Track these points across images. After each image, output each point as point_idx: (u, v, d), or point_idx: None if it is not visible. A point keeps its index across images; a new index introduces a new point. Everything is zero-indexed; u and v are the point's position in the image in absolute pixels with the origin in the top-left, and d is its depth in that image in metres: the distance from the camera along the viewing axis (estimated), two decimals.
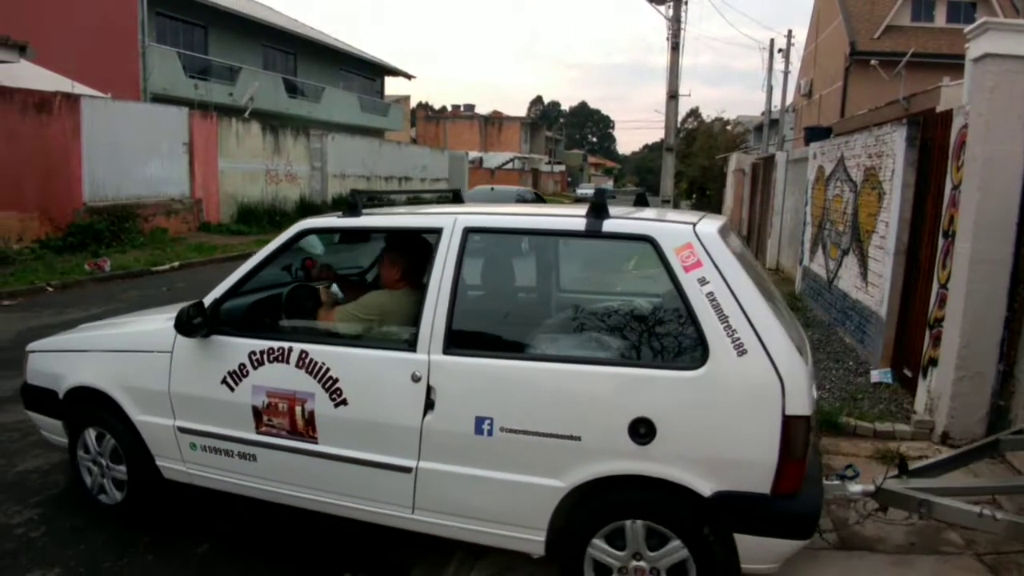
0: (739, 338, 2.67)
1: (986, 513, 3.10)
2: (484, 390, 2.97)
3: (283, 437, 3.30)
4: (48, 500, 4.18)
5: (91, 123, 14.62)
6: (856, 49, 22.87)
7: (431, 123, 65.21)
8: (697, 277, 2.76)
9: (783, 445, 2.63)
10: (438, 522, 3.12)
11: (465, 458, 2.99)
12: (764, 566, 2.79)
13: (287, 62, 30.44)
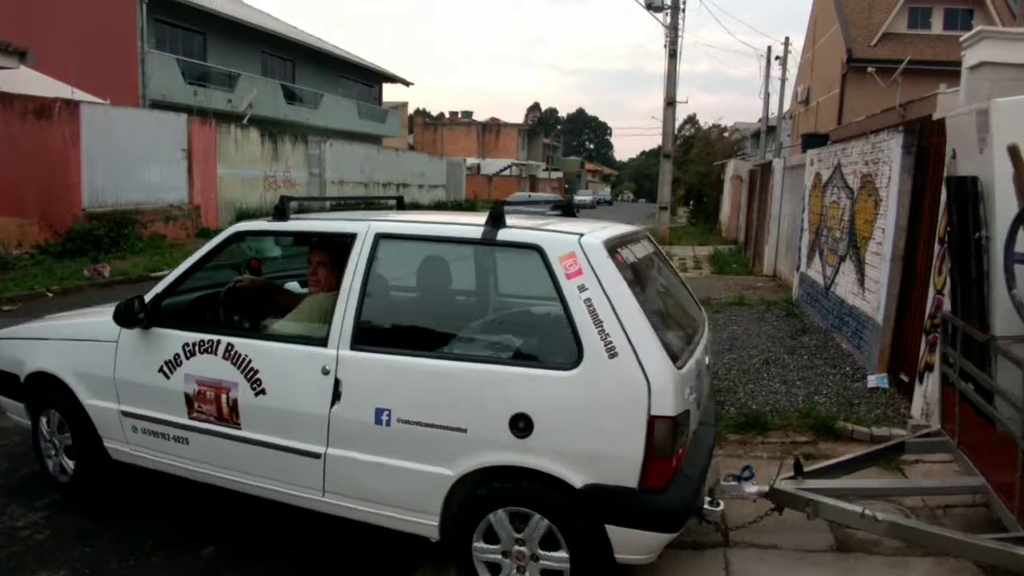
0: (611, 342, 2.85)
1: (868, 514, 3.22)
2: (384, 383, 3.19)
3: (211, 423, 3.55)
4: (53, 503, 4.20)
5: (90, 129, 14.66)
6: (853, 56, 23.02)
7: (429, 130, 65.40)
8: (577, 284, 2.95)
9: (648, 443, 2.80)
10: (346, 505, 3.35)
11: (367, 446, 3.21)
12: (636, 556, 2.97)
13: (285, 69, 30.54)
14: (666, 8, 23.32)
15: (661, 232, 23.93)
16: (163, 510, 4.16)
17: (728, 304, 10.76)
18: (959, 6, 24.85)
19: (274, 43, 29.03)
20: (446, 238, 3.49)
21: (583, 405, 2.89)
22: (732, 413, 5.78)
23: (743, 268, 15.82)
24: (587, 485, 2.89)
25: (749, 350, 7.84)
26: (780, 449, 5.10)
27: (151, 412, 3.73)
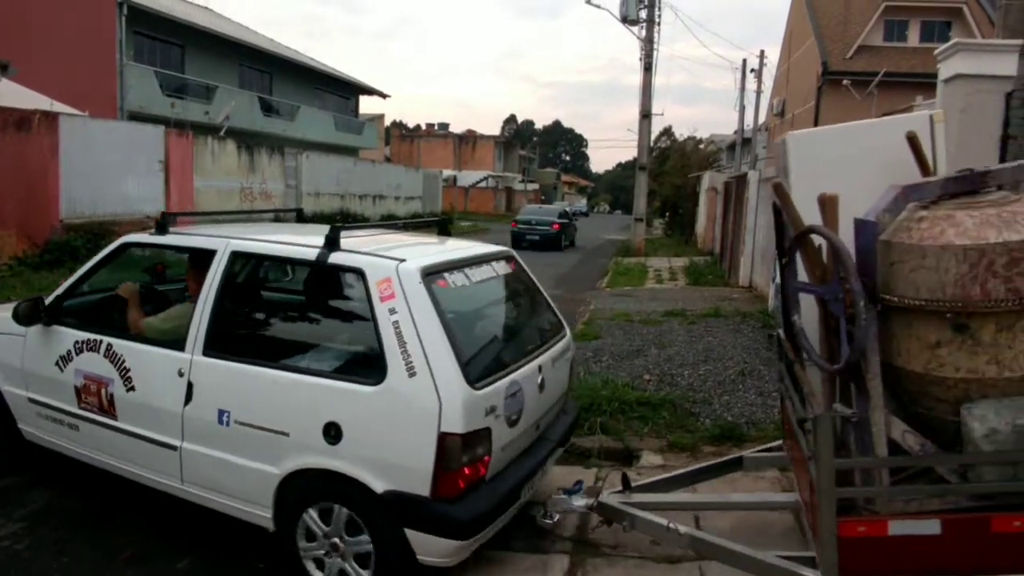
0: (412, 362, 3.13)
1: (672, 527, 3.39)
2: (225, 387, 3.56)
3: (95, 413, 4.00)
4: (32, 514, 4.23)
5: (69, 141, 14.56)
6: (828, 69, 23.40)
7: (405, 141, 65.39)
8: (388, 307, 3.23)
9: (438, 457, 3.06)
10: (199, 494, 3.74)
11: (212, 442, 3.58)
12: (435, 559, 3.22)
13: (263, 81, 30.48)
14: (641, 22, 23.64)
15: (637, 244, 24.16)
16: (142, 521, 4.20)
17: (703, 315, 10.92)
18: (936, 18, 25.25)
19: (252, 55, 28.98)
20: (287, 258, 3.85)
21: (385, 418, 3.17)
22: (707, 425, 5.89)
23: (719, 279, 16.02)
24: (387, 491, 3.16)
25: (725, 361, 7.97)
26: None
27: (50, 400, 4.19)
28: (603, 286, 15.76)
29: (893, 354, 2.98)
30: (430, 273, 3.38)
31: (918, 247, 2.78)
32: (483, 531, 3.26)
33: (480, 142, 66.76)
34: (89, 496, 4.49)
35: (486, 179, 61.89)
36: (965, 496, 2.83)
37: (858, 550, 2.75)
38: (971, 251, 2.67)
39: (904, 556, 2.75)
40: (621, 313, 11.25)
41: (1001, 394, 2.76)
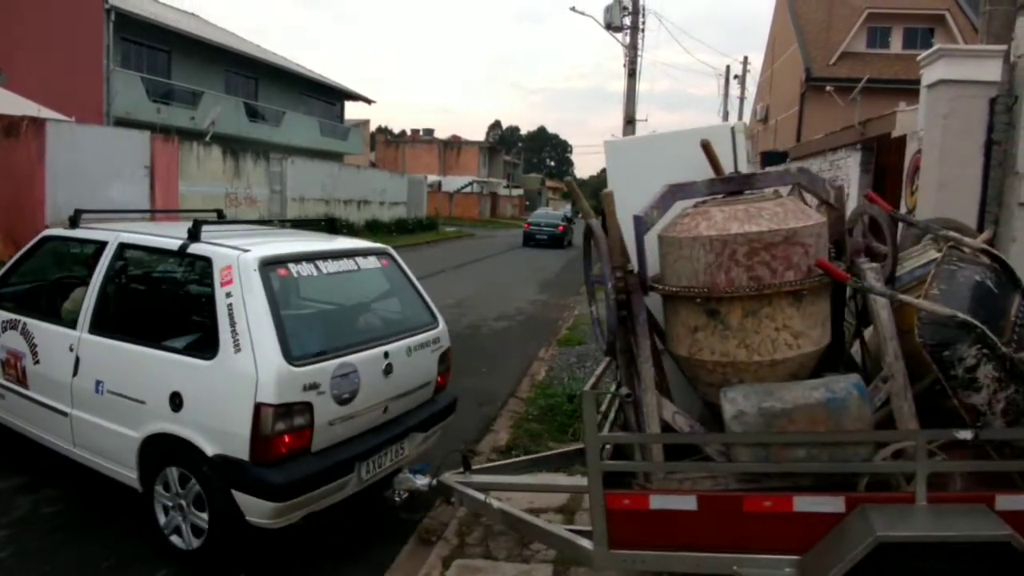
0: (239, 340, 3.53)
1: (487, 501, 3.60)
2: (102, 361, 4.04)
3: (13, 383, 4.56)
4: (15, 522, 4.21)
5: (55, 147, 14.45)
6: (812, 75, 23.53)
7: (391, 147, 65.23)
8: (226, 291, 3.65)
9: (254, 424, 3.42)
10: (86, 456, 4.20)
11: (92, 410, 4.06)
12: (259, 520, 3.53)
13: (249, 86, 30.32)
14: (625, 28, 23.74)
15: None
16: (122, 530, 4.18)
17: None
18: (919, 25, 25.45)
19: (238, 61, 28.83)
20: (159, 248, 4.27)
21: (215, 389, 3.58)
22: None
23: None
24: (216, 455, 3.53)
25: None
26: None
27: None
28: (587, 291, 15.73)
29: (668, 339, 3.22)
30: (269, 263, 3.79)
31: (677, 239, 3.00)
32: (301, 496, 3.54)
33: (465, 148, 66.70)
34: (71, 504, 4.48)
35: (471, 184, 61.84)
36: (734, 476, 2.96)
37: (625, 521, 2.90)
38: (716, 241, 2.86)
39: (665, 530, 2.88)
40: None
41: (754, 378, 2.93)
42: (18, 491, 4.58)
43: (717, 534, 2.83)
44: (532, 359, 8.93)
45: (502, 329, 11.01)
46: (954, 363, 2.66)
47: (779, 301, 2.85)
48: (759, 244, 2.83)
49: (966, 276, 2.84)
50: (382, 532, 4.22)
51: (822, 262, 2.85)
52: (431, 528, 4.29)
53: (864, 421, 2.78)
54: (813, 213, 3.07)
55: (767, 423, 2.80)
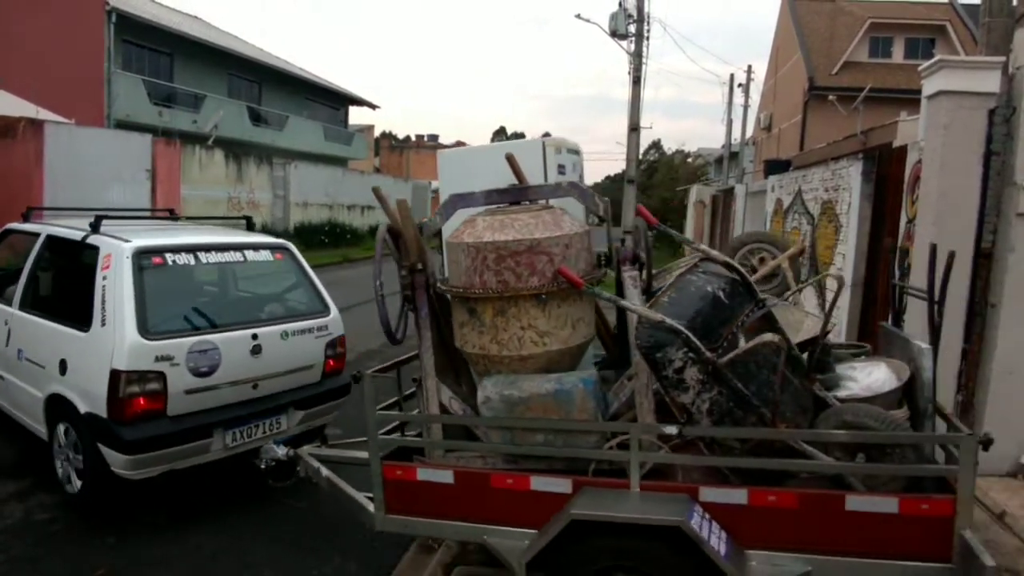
0: (105, 316, 4.22)
1: (316, 468, 3.83)
2: (22, 332, 4.92)
3: None
4: (5, 529, 4.17)
5: (54, 149, 14.42)
6: (814, 84, 23.55)
7: (395, 152, 65.34)
8: (103, 275, 4.33)
9: (109, 386, 4.08)
10: (15, 413, 5.12)
11: (15, 374, 4.95)
12: (120, 470, 4.15)
13: (252, 90, 30.35)
14: (630, 36, 23.75)
15: None
16: (113, 538, 4.15)
17: None
18: (920, 35, 25.51)
19: (241, 65, 28.86)
20: (68, 239, 4.91)
21: (86, 356, 4.29)
22: None
23: None
24: (86, 412, 4.23)
25: None
26: None
27: None
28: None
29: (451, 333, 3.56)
30: (144, 252, 4.44)
31: (451, 244, 3.39)
32: (154, 452, 4.13)
33: None
34: (62, 511, 4.42)
35: None
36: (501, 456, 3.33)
37: (398, 490, 3.28)
38: (471, 247, 3.23)
39: (430, 500, 3.24)
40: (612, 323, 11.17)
41: (508, 370, 3.29)
42: (11, 498, 4.56)
43: (471, 506, 3.17)
44: None
45: None
46: (665, 364, 2.87)
47: (524, 303, 3.19)
48: (505, 251, 3.17)
49: (698, 287, 3.07)
50: (383, 538, 4.16)
51: (562, 269, 3.15)
52: None
53: (588, 412, 3.11)
54: (568, 225, 3.34)
55: (508, 409, 3.17)
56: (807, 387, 3.16)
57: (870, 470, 2.89)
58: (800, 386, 3.12)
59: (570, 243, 3.24)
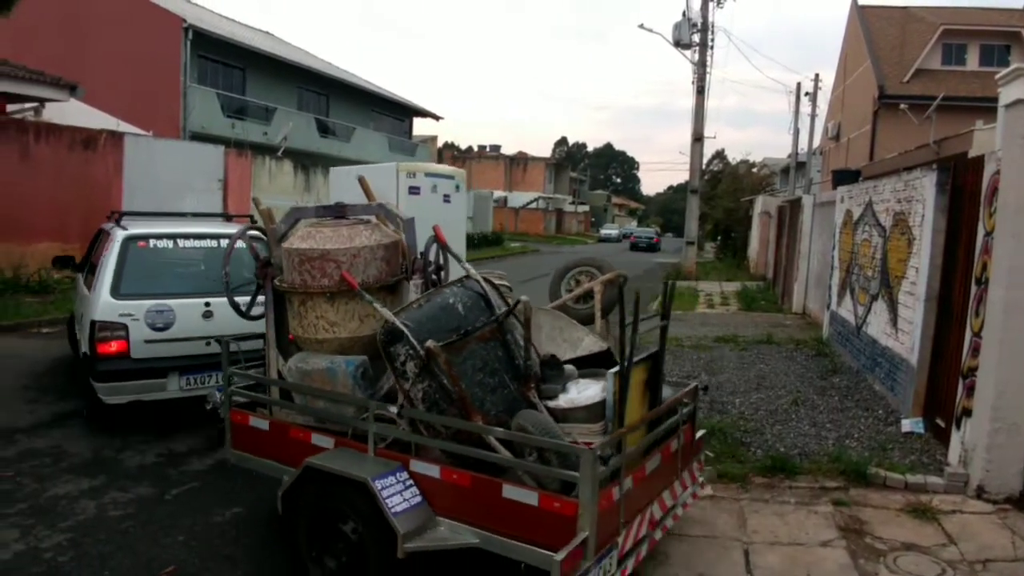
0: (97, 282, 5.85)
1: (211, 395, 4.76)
2: (80, 303, 6.54)
3: None
4: (77, 526, 4.31)
5: (133, 159, 15.08)
6: (885, 92, 22.82)
7: (457, 162, 65.94)
8: (104, 254, 6.04)
9: (90, 333, 5.67)
10: None
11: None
12: (103, 397, 5.71)
13: (320, 102, 31.14)
14: (694, 45, 23.50)
15: (688, 267, 23.84)
16: (184, 536, 4.25)
17: (756, 342, 10.67)
18: (995, 42, 24.54)
19: (310, 78, 29.65)
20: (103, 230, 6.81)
21: (86, 312, 5.92)
22: (758, 455, 5.69)
23: (772, 305, 15.68)
24: (83, 353, 5.95)
25: (777, 390, 7.75)
26: (809, 495, 5.01)
27: None
28: (652, 310, 15.53)
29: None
30: (132, 239, 6.06)
31: (284, 249, 4.18)
32: (120, 383, 5.66)
33: (531, 164, 67.01)
34: (134, 509, 4.56)
35: (536, 200, 62.02)
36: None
37: (240, 432, 4.28)
38: (287, 251, 4.13)
39: (258, 442, 4.18)
40: (670, 338, 10.98)
41: (311, 349, 4.12)
42: (83, 495, 4.73)
43: (278, 450, 4.04)
44: None
45: None
46: (395, 357, 3.45)
47: (317, 298, 3.98)
48: (304, 257, 4.00)
49: (443, 297, 3.75)
50: None
51: (343, 274, 3.84)
52: None
53: (347, 388, 3.82)
54: (363, 239, 4.07)
55: (300, 378, 4.02)
56: (522, 393, 3.69)
57: (512, 464, 3.33)
58: (515, 391, 3.67)
59: (358, 254, 3.99)
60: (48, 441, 5.67)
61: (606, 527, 3.16)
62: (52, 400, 6.75)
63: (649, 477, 3.63)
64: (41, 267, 12.93)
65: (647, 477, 3.60)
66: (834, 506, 4.80)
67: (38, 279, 12.63)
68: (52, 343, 9.25)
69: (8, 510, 4.43)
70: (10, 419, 6.15)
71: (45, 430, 5.93)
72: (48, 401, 6.71)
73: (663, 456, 3.77)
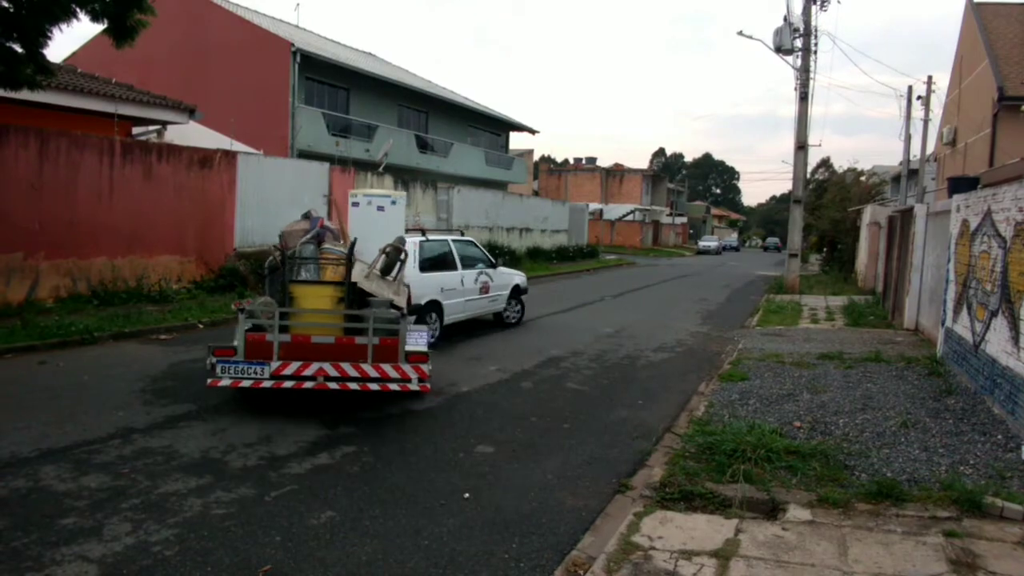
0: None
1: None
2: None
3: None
4: (183, 522, 4.54)
5: (245, 177, 15.96)
6: (1005, 94, 21.34)
7: (553, 176, 66.29)
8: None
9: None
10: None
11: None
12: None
13: (419, 119, 32.03)
14: (796, 51, 22.79)
15: (790, 280, 23.02)
16: (279, 536, 4.39)
17: (863, 359, 10.17)
18: None
19: (410, 96, 30.57)
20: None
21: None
22: (863, 480, 5.41)
23: (881, 321, 14.92)
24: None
25: (885, 411, 7.36)
26: (917, 524, 4.72)
27: None
28: (753, 324, 15.07)
29: None
30: (422, 241, 11.08)
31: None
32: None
33: (627, 175, 66.49)
34: (237, 508, 4.78)
35: (633, 212, 61.46)
36: None
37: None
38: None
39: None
40: (772, 354, 10.69)
41: None
42: (191, 493, 5.00)
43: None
44: (691, 394, 8.59)
45: (661, 361, 10.73)
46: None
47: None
48: None
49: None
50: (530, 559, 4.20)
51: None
52: (579, 562, 4.23)
53: None
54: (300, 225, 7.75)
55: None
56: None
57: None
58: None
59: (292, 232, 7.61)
60: (161, 441, 6.03)
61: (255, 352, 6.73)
62: (167, 403, 7.18)
63: (315, 345, 6.86)
64: (162, 278, 13.83)
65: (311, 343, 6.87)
66: (945, 537, 4.50)
67: (158, 289, 13.50)
68: (169, 349, 9.86)
69: (123, 505, 4.74)
70: (128, 420, 6.58)
71: (159, 431, 6.31)
72: (163, 404, 7.14)
73: (340, 340, 6.95)
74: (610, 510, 5.06)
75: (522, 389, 8.52)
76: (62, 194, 12.45)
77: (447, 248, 11.79)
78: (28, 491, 4.89)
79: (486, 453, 6.13)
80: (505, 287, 13.29)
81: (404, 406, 7.43)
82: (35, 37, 9.59)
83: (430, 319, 10.68)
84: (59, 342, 9.66)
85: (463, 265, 11.88)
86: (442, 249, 11.69)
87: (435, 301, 10.93)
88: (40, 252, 12.13)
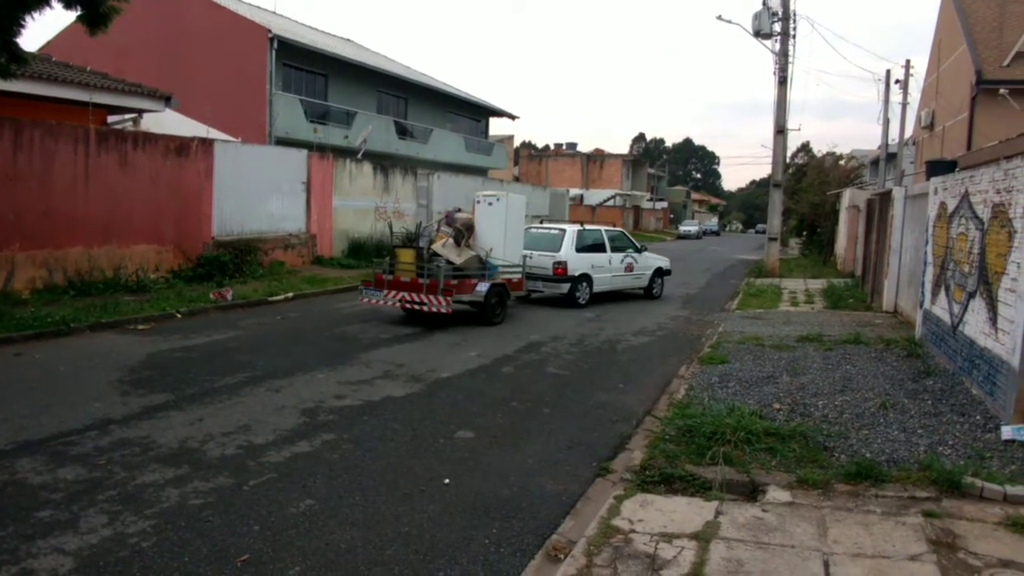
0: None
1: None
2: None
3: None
4: (160, 513, 4.48)
5: (222, 165, 15.76)
6: (983, 78, 21.51)
7: (534, 161, 66.20)
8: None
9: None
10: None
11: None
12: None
13: (399, 106, 31.78)
14: (775, 35, 22.80)
15: (770, 264, 23.15)
16: (257, 525, 4.34)
17: (842, 341, 10.25)
18: None
19: (389, 82, 30.30)
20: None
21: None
22: (842, 461, 5.45)
23: (860, 303, 15.05)
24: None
25: (864, 392, 7.42)
26: (897, 504, 4.76)
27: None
28: (733, 308, 15.16)
29: None
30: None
31: None
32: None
33: (608, 161, 66.53)
34: (214, 498, 4.72)
35: (613, 197, 61.52)
36: None
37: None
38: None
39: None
40: (751, 337, 10.75)
41: None
42: (168, 483, 4.93)
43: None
44: (671, 377, 8.63)
45: (641, 345, 10.77)
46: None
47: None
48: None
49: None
50: (510, 544, 4.20)
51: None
52: (560, 546, 4.22)
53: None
54: None
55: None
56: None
57: None
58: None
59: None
60: (138, 432, 5.95)
61: (379, 284, 11.67)
62: (144, 393, 7.09)
63: (401, 283, 11.45)
64: (139, 268, 13.64)
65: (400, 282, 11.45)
66: (924, 517, 4.54)
67: (136, 279, 13.32)
68: (147, 339, 9.73)
69: (99, 496, 4.67)
70: (105, 411, 6.49)
71: (136, 421, 6.22)
72: (140, 394, 7.05)
73: (412, 280, 11.36)
74: (591, 494, 5.06)
75: (503, 374, 8.50)
76: (37, 184, 12.23)
77: (599, 236, 15.42)
78: (3, 484, 4.81)
79: (466, 439, 6.11)
80: (649, 268, 16.51)
81: (385, 392, 7.39)
82: (8, 26, 9.36)
83: (582, 287, 14.46)
84: (35, 334, 9.50)
85: (612, 249, 15.40)
86: (595, 237, 15.33)
87: (586, 274, 14.61)
88: (15, 243, 11.92)
